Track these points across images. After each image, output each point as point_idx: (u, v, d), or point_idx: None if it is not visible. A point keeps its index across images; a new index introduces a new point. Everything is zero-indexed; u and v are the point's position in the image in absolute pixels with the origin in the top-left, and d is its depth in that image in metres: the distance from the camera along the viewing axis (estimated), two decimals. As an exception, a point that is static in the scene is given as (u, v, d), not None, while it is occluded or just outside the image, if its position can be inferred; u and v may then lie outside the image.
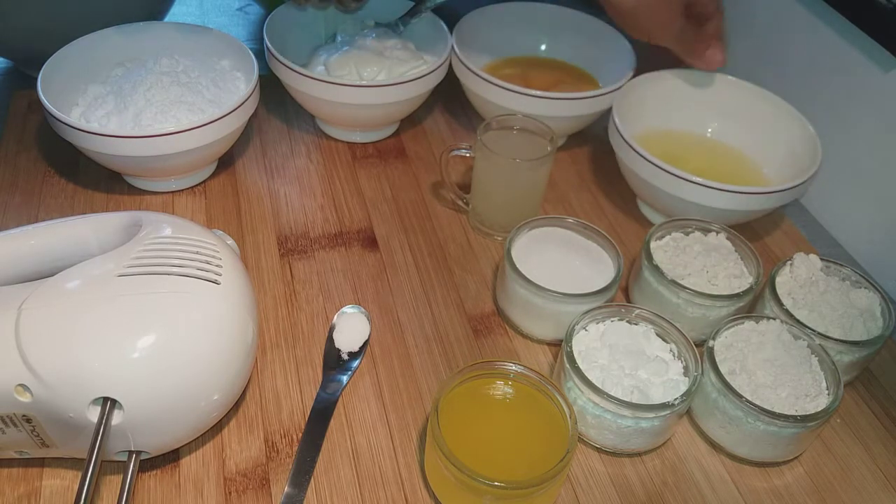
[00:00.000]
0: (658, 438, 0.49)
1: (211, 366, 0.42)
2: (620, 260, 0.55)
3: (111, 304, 0.40)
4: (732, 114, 0.69)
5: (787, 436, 0.47)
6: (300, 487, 0.45)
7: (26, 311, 0.40)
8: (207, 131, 0.57)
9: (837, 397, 0.48)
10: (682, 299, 0.53)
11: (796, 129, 0.65)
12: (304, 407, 0.49)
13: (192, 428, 0.43)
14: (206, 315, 0.42)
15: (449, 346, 0.54)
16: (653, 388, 0.48)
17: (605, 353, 0.49)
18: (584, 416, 0.48)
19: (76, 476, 0.45)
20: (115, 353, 0.39)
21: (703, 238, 0.58)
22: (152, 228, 0.45)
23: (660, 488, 0.48)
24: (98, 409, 0.39)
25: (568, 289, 0.52)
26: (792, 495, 0.48)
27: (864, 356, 0.52)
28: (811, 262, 0.56)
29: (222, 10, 0.87)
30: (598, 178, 0.70)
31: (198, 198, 0.63)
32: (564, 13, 0.76)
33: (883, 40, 0.61)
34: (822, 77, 0.68)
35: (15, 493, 0.44)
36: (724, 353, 0.50)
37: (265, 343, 0.53)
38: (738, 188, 0.58)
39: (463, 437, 0.43)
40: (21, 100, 0.70)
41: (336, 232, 0.62)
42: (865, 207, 0.66)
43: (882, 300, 0.54)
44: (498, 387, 0.47)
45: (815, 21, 0.68)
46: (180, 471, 0.45)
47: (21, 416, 0.40)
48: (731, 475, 0.49)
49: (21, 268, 0.47)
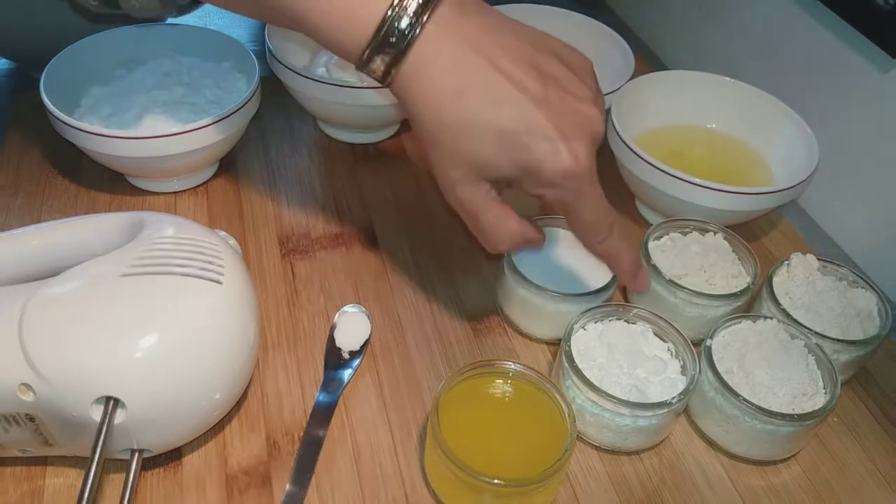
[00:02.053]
0: (656, 437, 0.49)
1: (213, 365, 0.42)
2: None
3: (114, 303, 0.41)
4: (730, 115, 0.69)
5: (784, 434, 0.47)
6: (301, 485, 0.45)
7: (29, 311, 0.40)
8: (209, 132, 0.58)
9: (834, 396, 0.48)
10: (680, 299, 0.54)
11: (794, 129, 0.65)
12: (305, 405, 0.50)
13: (195, 426, 0.44)
14: (209, 315, 0.42)
15: (449, 346, 0.55)
16: (651, 387, 0.48)
17: (604, 352, 0.50)
18: (582, 414, 0.48)
19: (79, 474, 0.45)
20: (117, 352, 0.39)
21: (700, 238, 0.58)
22: (155, 229, 0.46)
23: (658, 486, 0.48)
24: (101, 408, 0.39)
25: (567, 288, 0.52)
26: (789, 493, 0.49)
27: (861, 355, 0.52)
28: (808, 262, 0.57)
29: (224, 11, 0.88)
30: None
31: (200, 198, 0.63)
32: (563, 14, 0.76)
33: (880, 41, 0.61)
34: (819, 78, 0.69)
35: (18, 492, 0.44)
36: (722, 352, 0.50)
37: (267, 342, 0.53)
38: (736, 188, 0.58)
39: (463, 436, 0.43)
40: (24, 101, 0.70)
41: (337, 232, 0.62)
42: (863, 207, 0.66)
43: (879, 300, 0.55)
44: (497, 385, 0.47)
45: (812, 22, 0.68)
46: (183, 469, 0.46)
47: (24, 415, 0.40)
48: (728, 473, 0.49)
49: (24, 268, 0.47)
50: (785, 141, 0.66)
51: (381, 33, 0.41)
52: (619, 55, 0.72)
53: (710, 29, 0.82)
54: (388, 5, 0.41)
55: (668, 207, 0.62)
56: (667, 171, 0.58)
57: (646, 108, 0.68)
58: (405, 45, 0.41)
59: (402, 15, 0.41)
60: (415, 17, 0.41)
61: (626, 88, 0.66)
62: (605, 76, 0.72)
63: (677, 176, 0.58)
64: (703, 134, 0.70)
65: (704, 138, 0.70)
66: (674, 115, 0.69)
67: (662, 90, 0.69)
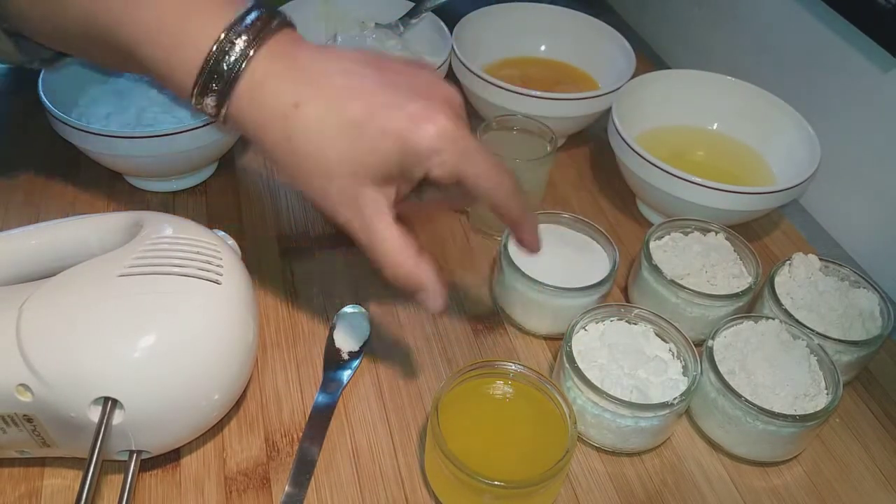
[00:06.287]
0: (657, 438, 0.49)
1: (212, 365, 0.42)
2: (616, 254, 0.55)
3: (112, 304, 0.40)
4: (731, 114, 0.69)
5: (785, 435, 0.47)
6: (301, 486, 0.45)
7: (27, 311, 0.40)
8: (208, 131, 0.57)
9: (836, 397, 0.48)
10: (682, 299, 0.54)
11: (795, 129, 0.65)
12: (304, 406, 0.49)
13: (193, 427, 0.43)
14: (207, 315, 0.42)
15: (449, 346, 0.54)
16: (652, 388, 0.48)
17: (605, 352, 0.49)
18: (583, 415, 0.48)
19: (77, 475, 0.45)
20: (115, 353, 0.39)
21: (702, 238, 0.58)
22: (153, 228, 0.45)
23: (659, 488, 0.48)
24: (99, 408, 0.39)
25: (564, 283, 0.52)
26: (791, 495, 0.48)
27: (862, 356, 0.52)
28: (810, 262, 0.56)
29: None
30: (597, 178, 0.71)
31: (198, 198, 0.63)
32: (564, 14, 0.76)
33: (882, 41, 0.61)
34: (821, 77, 0.68)
35: (16, 493, 0.44)
36: (723, 352, 0.50)
37: (266, 342, 0.53)
38: (737, 188, 0.58)
39: (463, 437, 0.43)
40: (22, 99, 0.70)
41: (336, 231, 0.62)
42: (864, 207, 0.66)
43: (881, 300, 0.55)
44: (498, 386, 0.47)
45: (814, 22, 0.68)
46: (181, 470, 0.46)
47: (22, 416, 0.40)
48: (730, 474, 0.49)
49: (22, 268, 0.47)
50: (786, 140, 0.65)
51: (206, 71, 0.40)
52: (621, 54, 0.72)
53: (712, 28, 0.82)
54: (214, 40, 0.40)
55: (670, 207, 0.61)
56: (668, 171, 0.58)
57: (647, 108, 0.67)
58: (232, 78, 0.40)
59: (229, 51, 0.40)
60: (241, 54, 0.40)
61: (627, 87, 0.66)
62: (607, 75, 0.72)
63: (679, 175, 0.58)
64: (705, 133, 0.70)
65: (706, 137, 0.70)
66: (675, 114, 0.69)
67: (664, 89, 0.69)
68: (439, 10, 0.72)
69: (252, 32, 0.40)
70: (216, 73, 0.40)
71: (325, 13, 0.73)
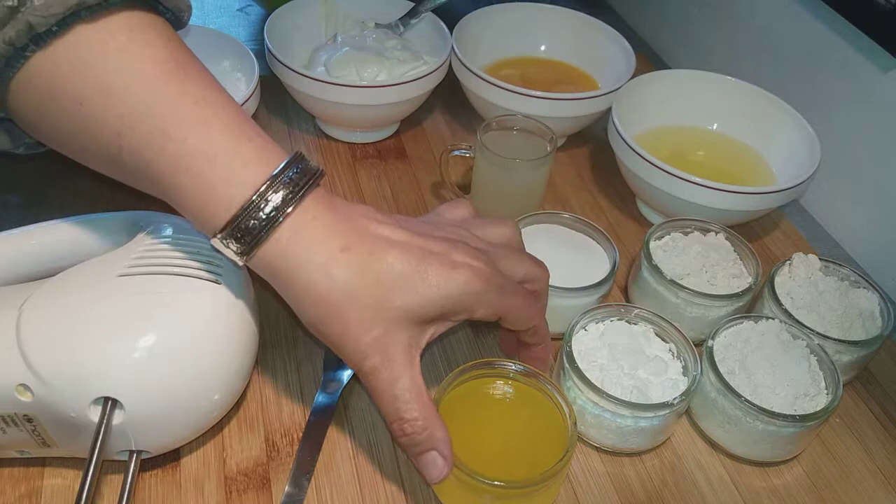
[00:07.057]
0: (657, 438, 0.49)
1: (212, 365, 0.42)
2: (616, 254, 0.55)
3: (112, 303, 0.40)
4: (731, 114, 0.69)
5: (785, 435, 0.47)
6: (301, 486, 0.45)
7: (27, 311, 0.40)
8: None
9: (836, 397, 0.48)
10: (682, 299, 0.54)
11: (795, 129, 0.65)
12: (304, 406, 0.49)
13: (193, 427, 0.43)
14: (207, 315, 0.42)
15: (449, 346, 0.54)
16: (652, 388, 0.48)
17: (605, 352, 0.49)
18: (583, 415, 0.48)
19: (77, 475, 0.45)
20: (115, 353, 0.39)
21: (702, 238, 0.58)
22: (153, 228, 0.46)
23: (659, 488, 0.48)
24: (99, 408, 0.39)
25: (564, 283, 0.52)
26: (791, 495, 0.48)
27: (862, 356, 0.52)
28: (810, 262, 0.56)
29: (223, 10, 0.88)
30: (597, 178, 0.71)
31: (198, 198, 0.63)
32: (564, 14, 0.76)
33: (882, 40, 0.61)
34: (821, 77, 0.68)
35: (16, 493, 0.44)
36: (723, 352, 0.50)
37: (266, 343, 0.53)
38: (737, 188, 0.58)
39: (463, 437, 0.43)
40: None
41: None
42: (864, 207, 0.66)
43: (881, 300, 0.55)
44: (498, 386, 0.47)
45: (813, 21, 0.68)
46: (181, 470, 0.46)
47: (22, 416, 0.40)
48: (730, 475, 0.49)
49: (22, 267, 0.47)
50: (786, 140, 0.66)
51: (237, 221, 0.38)
52: (621, 54, 0.72)
53: (712, 28, 0.82)
54: (255, 190, 0.38)
55: (670, 207, 0.61)
56: (668, 171, 0.58)
57: (647, 108, 0.67)
58: (267, 230, 0.39)
59: (269, 201, 0.38)
60: (278, 207, 0.39)
61: (627, 87, 0.66)
62: (607, 75, 0.72)
63: (679, 175, 0.58)
64: (705, 133, 0.70)
65: (705, 137, 0.70)
66: (675, 114, 0.69)
67: (664, 89, 0.69)
68: (439, 10, 0.72)
69: (290, 187, 0.39)
70: (253, 218, 0.38)
71: (325, 13, 0.73)
